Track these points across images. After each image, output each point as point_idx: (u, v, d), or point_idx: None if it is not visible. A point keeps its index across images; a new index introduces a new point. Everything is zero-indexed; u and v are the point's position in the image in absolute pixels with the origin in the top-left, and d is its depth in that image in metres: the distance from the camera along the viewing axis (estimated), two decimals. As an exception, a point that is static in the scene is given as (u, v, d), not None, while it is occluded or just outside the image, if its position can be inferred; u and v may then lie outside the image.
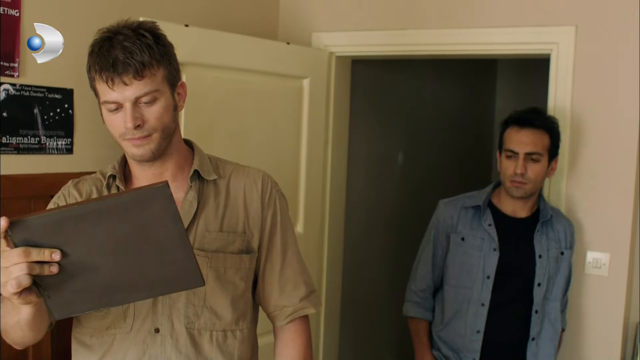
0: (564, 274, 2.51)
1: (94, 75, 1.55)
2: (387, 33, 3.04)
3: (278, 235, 1.73)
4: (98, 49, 1.55)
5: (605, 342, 2.70)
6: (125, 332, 1.59)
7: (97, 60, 1.54)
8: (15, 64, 2.06)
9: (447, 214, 2.57)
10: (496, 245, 2.46)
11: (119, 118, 1.54)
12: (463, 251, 2.51)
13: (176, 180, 1.64)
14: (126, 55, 1.51)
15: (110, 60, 1.51)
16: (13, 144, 2.09)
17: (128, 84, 1.51)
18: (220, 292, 1.64)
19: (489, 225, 2.49)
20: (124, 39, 1.53)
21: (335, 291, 3.42)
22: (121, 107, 1.53)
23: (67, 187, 1.69)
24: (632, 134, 2.61)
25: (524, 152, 2.41)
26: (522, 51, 2.88)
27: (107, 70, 1.51)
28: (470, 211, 2.54)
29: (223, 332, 1.65)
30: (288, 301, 1.72)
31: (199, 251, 1.61)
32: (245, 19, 2.97)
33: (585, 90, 2.68)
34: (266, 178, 1.74)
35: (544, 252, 2.46)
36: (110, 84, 1.51)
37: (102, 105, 1.56)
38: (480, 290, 2.45)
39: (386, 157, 4.06)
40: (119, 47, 1.52)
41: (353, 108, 3.44)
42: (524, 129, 2.44)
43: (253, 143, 2.74)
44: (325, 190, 3.24)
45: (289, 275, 1.73)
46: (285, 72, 2.91)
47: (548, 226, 2.50)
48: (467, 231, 2.52)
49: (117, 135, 1.56)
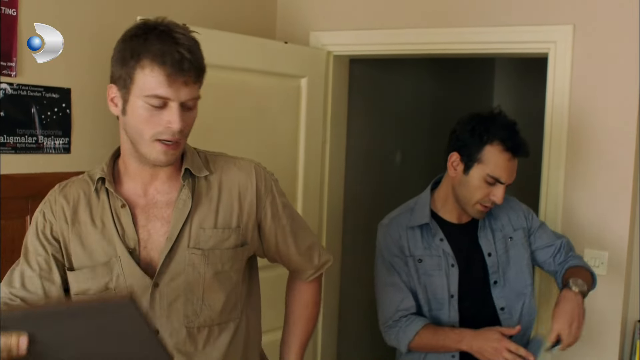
0: (519, 260, 2.31)
1: (144, 63, 1.47)
2: (384, 32, 3.04)
3: (284, 217, 1.77)
4: (155, 37, 1.47)
5: (603, 340, 2.70)
6: None
7: (154, 49, 1.46)
8: (12, 64, 2.06)
9: (394, 236, 2.31)
10: (453, 259, 2.26)
11: (160, 116, 1.49)
12: (424, 273, 2.27)
13: (170, 180, 1.64)
14: (192, 57, 1.48)
15: (177, 56, 1.45)
16: (10, 144, 2.09)
17: (187, 85, 1.48)
18: (217, 288, 1.65)
19: (440, 241, 2.28)
20: (184, 38, 1.48)
21: (334, 290, 3.42)
22: (165, 106, 1.49)
23: (53, 193, 1.66)
24: (630, 133, 2.61)
25: (510, 182, 2.18)
26: (519, 50, 2.88)
27: (172, 64, 1.45)
28: (417, 230, 2.30)
29: (218, 325, 1.67)
30: (310, 266, 1.86)
31: (196, 250, 1.61)
32: (243, 18, 2.97)
33: (583, 89, 2.68)
34: (258, 168, 1.75)
35: (492, 248, 2.30)
36: (170, 80, 1.46)
37: (144, 99, 1.48)
38: (449, 312, 2.25)
39: (384, 156, 4.06)
40: (185, 45, 1.47)
41: (351, 107, 3.44)
42: (515, 159, 2.18)
43: (251, 142, 2.74)
44: (323, 189, 3.24)
45: (304, 248, 1.83)
46: (283, 72, 2.90)
47: (490, 218, 2.32)
48: (421, 251, 2.28)
49: (151, 133, 1.50)
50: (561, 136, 2.71)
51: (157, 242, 1.60)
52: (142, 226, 1.61)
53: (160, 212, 1.62)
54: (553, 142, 2.72)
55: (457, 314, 2.26)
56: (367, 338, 4.00)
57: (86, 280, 1.58)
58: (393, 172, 4.18)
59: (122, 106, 1.53)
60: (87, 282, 1.58)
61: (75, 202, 1.62)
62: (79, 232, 1.60)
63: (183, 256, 1.60)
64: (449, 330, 2.22)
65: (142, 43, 1.48)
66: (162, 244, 1.60)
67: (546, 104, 2.76)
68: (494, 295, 2.30)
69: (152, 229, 1.61)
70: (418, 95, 4.41)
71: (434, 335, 2.22)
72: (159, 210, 1.62)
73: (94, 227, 1.60)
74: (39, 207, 1.66)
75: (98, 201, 1.62)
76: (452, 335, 2.20)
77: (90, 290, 1.58)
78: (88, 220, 1.61)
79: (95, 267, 1.58)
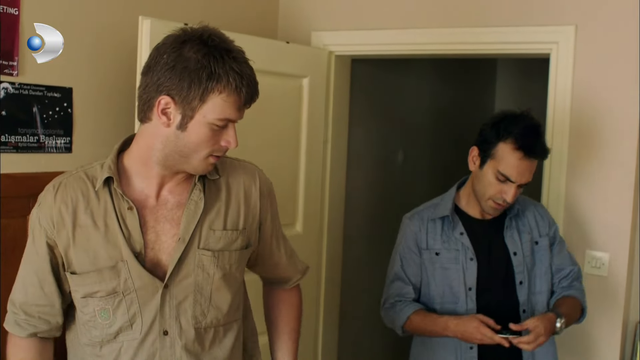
0: (543, 264, 2.37)
1: (221, 88, 1.49)
2: (386, 32, 3.04)
3: (277, 221, 1.84)
4: (233, 61, 1.49)
5: (604, 341, 2.70)
6: (133, 337, 1.58)
7: (234, 76, 1.48)
8: (14, 63, 2.06)
9: (414, 229, 2.37)
10: (472, 254, 2.31)
11: (220, 135, 1.54)
12: (440, 266, 2.33)
13: (184, 182, 1.64)
14: (256, 81, 1.54)
15: (252, 85, 1.52)
16: (12, 143, 2.09)
17: (248, 108, 1.56)
18: (224, 289, 1.66)
19: (460, 234, 2.33)
20: (244, 60, 1.53)
21: (335, 289, 3.42)
22: (226, 125, 1.54)
23: (48, 196, 1.60)
24: (632, 134, 2.61)
25: (520, 182, 2.19)
26: (522, 51, 2.87)
27: (247, 93, 1.51)
28: (438, 222, 2.35)
29: (224, 326, 1.68)
30: (292, 272, 1.92)
31: (206, 251, 1.62)
32: (244, 18, 2.97)
33: (584, 90, 2.68)
34: (261, 173, 1.80)
35: (518, 248, 2.33)
36: (244, 106, 1.54)
37: (214, 120, 1.50)
38: (465, 304, 2.30)
39: (385, 156, 4.06)
40: (253, 73, 1.53)
41: (352, 107, 3.44)
42: (529, 159, 2.18)
43: (252, 142, 2.73)
44: (325, 189, 3.24)
45: (289, 253, 1.90)
46: (285, 72, 2.90)
47: (517, 219, 2.36)
48: (440, 245, 2.34)
49: (209, 150, 1.55)
50: (563, 137, 2.71)
51: (165, 244, 1.60)
52: (151, 227, 1.60)
53: (170, 214, 1.61)
54: (555, 143, 2.72)
55: (475, 307, 2.30)
56: (368, 338, 4.01)
57: (93, 284, 1.57)
58: (394, 171, 4.18)
59: (181, 122, 1.51)
60: (94, 286, 1.57)
61: (74, 205, 1.58)
62: (80, 236, 1.58)
63: (193, 257, 1.61)
64: (436, 317, 2.28)
65: (220, 65, 1.48)
66: (171, 245, 1.60)
67: (548, 104, 2.76)
68: (519, 294, 2.33)
69: (160, 230, 1.60)
70: (420, 95, 4.40)
71: (423, 320, 2.30)
72: (168, 211, 1.62)
73: (96, 230, 1.57)
74: (34, 209, 1.62)
75: (98, 202, 1.58)
76: (440, 322, 2.26)
77: (99, 293, 1.58)
78: (90, 222, 1.57)
79: (101, 270, 1.57)
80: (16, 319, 1.64)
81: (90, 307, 1.59)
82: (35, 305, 1.63)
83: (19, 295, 1.64)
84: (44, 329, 1.65)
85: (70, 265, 1.59)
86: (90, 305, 1.59)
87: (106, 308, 1.57)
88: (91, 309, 1.59)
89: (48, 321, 1.64)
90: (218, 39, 1.51)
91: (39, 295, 1.62)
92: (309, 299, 3.14)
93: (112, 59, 2.36)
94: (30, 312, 1.63)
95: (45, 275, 1.61)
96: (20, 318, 1.64)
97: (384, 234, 4.07)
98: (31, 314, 1.63)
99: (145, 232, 1.58)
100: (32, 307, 1.63)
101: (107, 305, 1.57)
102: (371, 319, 4.00)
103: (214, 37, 1.50)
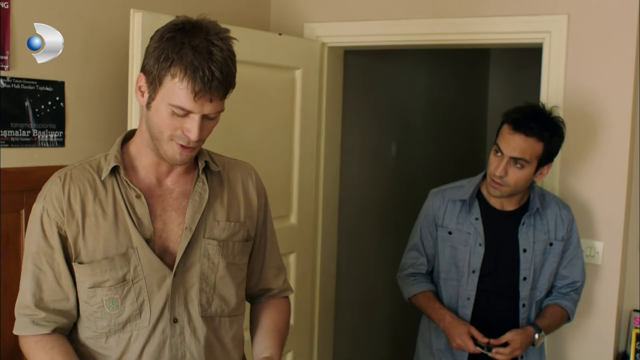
0: (551, 265, 2.47)
1: (174, 72, 1.47)
2: (379, 23, 3.03)
3: (269, 223, 1.84)
4: (191, 48, 1.45)
5: (599, 330, 2.71)
6: (143, 326, 1.59)
7: (186, 61, 1.45)
8: (5, 57, 2.05)
9: (435, 205, 2.53)
10: (482, 240, 2.43)
11: (179, 121, 1.51)
12: (450, 245, 2.48)
13: (186, 173, 1.67)
14: (223, 76, 1.48)
15: (208, 73, 1.45)
16: (4, 137, 2.08)
17: (212, 101, 1.50)
18: (228, 279, 1.68)
19: (475, 220, 2.45)
20: (220, 54, 1.47)
21: (330, 283, 3.43)
22: (187, 115, 1.50)
23: (55, 186, 1.60)
24: (625, 123, 2.62)
25: (509, 155, 2.29)
26: (514, 40, 2.87)
27: (202, 81, 1.45)
28: (458, 204, 2.48)
29: (229, 317, 1.70)
30: (275, 284, 1.87)
31: (211, 240, 1.64)
32: (236, 9, 2.96)
33: (577, 80, 2.68)
34: (256, 172, 1.83)
35: (530, 245, 2.43)
36: (197, 96, 1.47)
37: (169, 106, 1.49)
38: (466, 284, 2.44)
39: (379, 147, 4.06)
40: (218, 62, 1.46)
41: (346, 99, 3.44)
42: (517, 132, 2.29)
43: (245, 135, 2.73)
44: (319, 181, 3.24)
45: (275, 264, 1.87)
46: (278, 63, 2.89)
47: (537, 217, 2.45)
48: (454, 225, 2.48)
49: (167, 133, 1.53)
50: (556, 126, 2.71)
51: (172, 232, 1.62)
52: (158, 215, 1.62)
53: (176, 202, 1.64)
54: (548, 132, 2.72)
55: (475, 289, 2.44)
56: (364, 335, 4.02)
57: (103, 273, 1.57)
58: (388, 163, 4.18)
59: (148, 101, 1.54)
60: (104, 274, 1.57)
61: (82, 194, 1.58)
62: (90, 225, 1.58)
63: (199, 246, 1.63)
64: (439, 307, 2.48)
65: (177, 50, 1.46)
66: (177, 233, 1.62)
67: (541, 94, 2.76)
68: (521, 289, 2.44)
69: (167, 218, 1.63)
70: (413, 86, 4.40)
71: (427, 302, 2.52)
72: (174, 200, 1.64)
73: (105, 218, 1.58)
74: (38, 203, 1.61)
75: (106, 191, 1.60)
76: (439, 313, 2.46)
77: (108, 282, 1.58)
78: (99, 211, 1.58)
79: (113, 258, 1.57)
80: (34, 319, 1.58)
81: (98, 297, 1.58)
82: (52, 300, 1.59)
83: (32, 297, 1.59)
84: (64, 322, 1.61)
85: (78, 255, 1.58)
86: (99, 295, 1.58)
87: (114, 298, 1.58)
88: (99, 299, 1.58)
89: (67, 314, 1.61)
90: (201, 30, 1.49)
91: (55, 290, 1.59)
92: (305, 289, 3.14)
93: (104, 52, 2.35)
94: (48, 308, 1.59)
95: (61, 268, 1.59)
96: (39, 317, 1.58)
97: (378, 225, 4.08)
98: (50, 310, 1.59)
99: (153, 220, 1.61)
100: (50, 304, 1.59)
101: (116, 295, 1.57)
102: (367, 309, 4.02)
103: (197, 27, 1.49)
